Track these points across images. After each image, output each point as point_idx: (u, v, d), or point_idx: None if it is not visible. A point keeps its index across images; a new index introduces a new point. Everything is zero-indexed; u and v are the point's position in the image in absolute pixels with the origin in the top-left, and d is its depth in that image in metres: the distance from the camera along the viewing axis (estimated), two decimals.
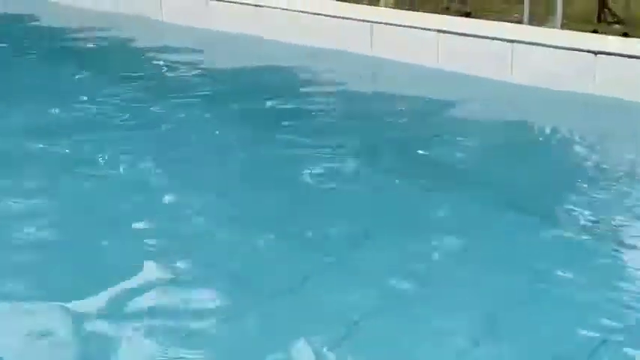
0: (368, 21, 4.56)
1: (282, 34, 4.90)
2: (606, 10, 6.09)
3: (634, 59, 3.63)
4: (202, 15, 5.42)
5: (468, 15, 6.67)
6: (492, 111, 3.93)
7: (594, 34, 4.19)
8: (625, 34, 5.95)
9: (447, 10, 6.85)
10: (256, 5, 5.03)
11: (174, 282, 2.62)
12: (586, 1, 6.34)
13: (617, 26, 6.12)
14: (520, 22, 5.71)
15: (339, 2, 5.28)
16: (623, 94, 3.66)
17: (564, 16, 5.82)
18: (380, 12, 4.63)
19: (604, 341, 2.29)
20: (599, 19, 6.14)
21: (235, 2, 5.12)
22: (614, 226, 2.91)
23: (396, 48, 4.45)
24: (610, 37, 3.98)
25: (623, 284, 2.59)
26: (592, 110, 3.76)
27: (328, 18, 4.82)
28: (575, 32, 4.17)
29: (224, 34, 5.25)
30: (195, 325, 2.39)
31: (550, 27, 5.53)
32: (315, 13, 4.90)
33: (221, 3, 5.17)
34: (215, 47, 5.28)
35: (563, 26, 5.83)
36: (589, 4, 6.19)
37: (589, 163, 3.35)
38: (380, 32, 4.54)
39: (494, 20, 6.13)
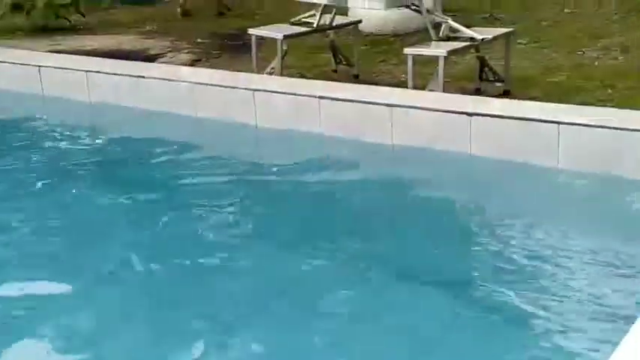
0: (251, 89, 4.57)
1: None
2: (487, 68, 6.30)
3: (506, 119, 3.72)
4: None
5: (356, 77, 6.80)
6: (371, 173, 4.01)
7: (468, 97, 4.32)
8: (506, 92, 6.16)
9: (335, 73, 6.97)
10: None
11: None
12: (467, 63, 6.56)
13: (498, 84, 6.33)
14: (405, 82, 5.84)
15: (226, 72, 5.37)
16: (497, 153, 3.75)
17: (447, 75, 5.99)
18: (263, 80, 4.70)
19: None
20: (481, 78, 6.35)
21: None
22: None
23: (279, 115, 4.47)
24: (485, 98, 4.09)
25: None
26: (467, 170, 3.85)
27: (213, 87, 4.81)
28: (450, 95, 4.29)
29: None
30: None
31: (433, 87, 5.69)
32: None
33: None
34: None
35: (447, 84, 5.99)
36: (471, 64, 6.40)
37: (463, 224, 3.43)
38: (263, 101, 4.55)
39: (379, 81, 6.27)
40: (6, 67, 5.68)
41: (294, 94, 4.35)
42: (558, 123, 3.59)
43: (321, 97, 4.27)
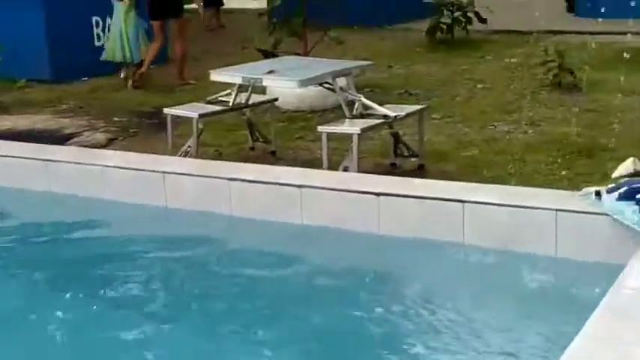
0: (161, 172, 4.53)
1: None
2: (401, 144, 6.40)
3: (413, 199, 3.76)
4: None
5: (273, 153, 6.83)
6: (278, 254, 4.02)
7: (377, 176, 4.36)
8: (420, 167, 6.25)
9: (252, 150, 6.99)
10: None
11: None
12: (383, 138, 6.66)
13: (412, 159, 6.43)
14: (320, 159, 5.88)
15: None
16: (404, 232, 3.77)
17: (363, 151, 6.05)
18: (174, 162, 4.69)
19: None
20: (396, 154, 6.44)
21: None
22: None
23: (189, 198, 4.43)
24: (393, 178, 4.15)
25: None
26: (374, 249, 3.88)
27: (123, 170, 4.76)
28: (358, 175, 4.34)
29: None
30: None
31: (348, 164, 5.73)
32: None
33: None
34: None
35: (362, 160, 6.05)
36: (386, 139, 6.49)
37: (364, 302, 3.45)
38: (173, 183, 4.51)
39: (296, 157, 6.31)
40: None
41: (204, 176, 4.33)
42: (463, 202, 3.64)
43: (231, 179, 4.25)
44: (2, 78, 9.74)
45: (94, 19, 10.80)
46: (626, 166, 5.75)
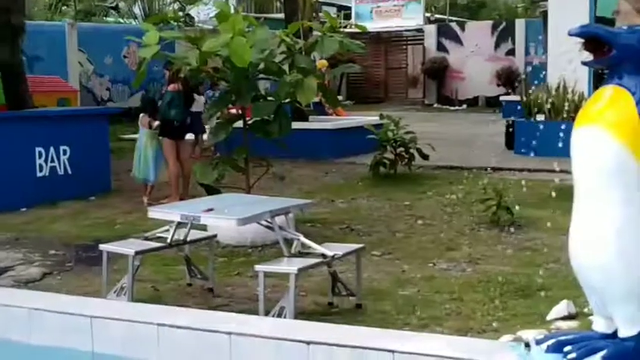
0: (88, 315, 4.42)
1: None
2: (339, 283, 6.38)
3: (344, 347, 3.70)
4: None
5: (211, 290, 6.73)
6: None
7: (306, 323, 4.31)
8: (358, 306, 6.21)
9: (189, 287, 6.88)
10: None
11: None
12: (322, 274, 6.63)
13: (351, 298, 6.40)
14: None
15: None
16: None
17: (301, 288, 6.01)
18: (102, 305, 4.60)
19: None
20: (334, 292, 6.41)
21: None
22: None
23: (116, 343, 4.31)
24: (323, 325, 4.09)
25: None
26: None
27: (50, 313, 4.63)
28: (289, 321, 4.28)
29: None
30: None
31: (284, 304, 5.66)
32: None
33: None
34: None
35: (301, 298, 6.00)
36: (325, 276, 6.46)
37: None
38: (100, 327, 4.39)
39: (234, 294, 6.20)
40: None
41: (132, 321, 4.23)
42: (393, 351, 3.59)
43: (159, 324, 4.15)
44: None
45: (38, 149, 10.78)
46: (560, 309, 5.80)
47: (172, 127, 10.70)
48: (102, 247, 6.63)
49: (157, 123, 10.72)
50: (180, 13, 9.06)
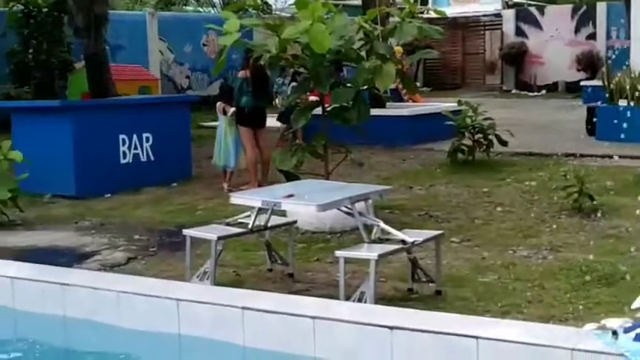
0: (174, 298, 4.53)
1: None
2: (419, 270, 6.38)
3: (426, 333, 3.73)
4: None
5: (291, 276, 6.81)
6: None
7: (392, 308, 4.33)
8: (438, 292, 6.21)
9: (270, 272, 6.98)
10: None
11: None
12: (401, 261, 6.64)
13: (430, 285, 6.40)
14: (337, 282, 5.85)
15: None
16: None
17: (381, 274, 6.03)
18: (188, 288, 4.71)
19: None
20: (413, 279, 6.42)
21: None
22: None
23: (202, 325, 4.42)
24: (407, 311, 4.12)
25: None
26: None
27: (138, 296, 4.77)
28: (373, 307, 4.30)
29: None
30: None
31: (365, 289, 5.70)
32: None
33: None
34: None
35: (380, 284, 6.02)
36: (405, 262, 6.47)
37: None
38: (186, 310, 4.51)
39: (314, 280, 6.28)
40: None
41: (217, 304, 4.33)
42: (477, 337, 3.60)
43: (244, 308, 4.24)
44: (28, 193, 9.89)
45: (122, 136, 11.03)
46: None
47: (244, 114, 10.77)
48: (185, 232, 6.75)
49: (231, 110, 10.85)
50: (259, 1, 9.13)
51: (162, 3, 28.49)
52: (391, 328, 3.79)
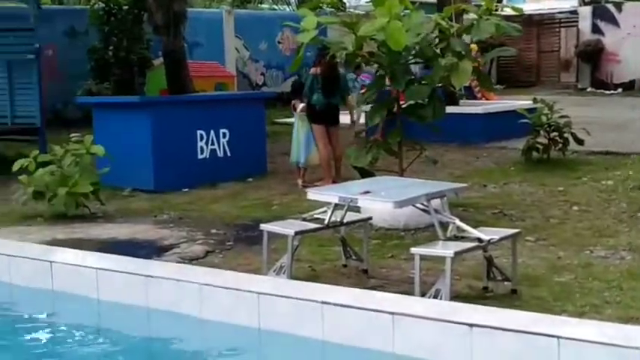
0: (255, 292, 4.63)
1: None
2: (494, 268, 6.36)
3: (507, 331, 3.74)
4: None
5: (365, 272, 6.86)
6: None
7: (471, 306, 4.35)
8: (513, 291, 6.19)
9: (344, 268, 7.05)
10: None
11: None
12: (476, 259, 6.63)
13: (506, 283, 6.38)
14: (412, 279, 5.88)
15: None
16: None
17: (455, 272, 6.04)
18: (268, 282, 4.80)
19: None
20: (489, 277, 6.41)
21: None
22: None
23: (281, 319, 4.51)
24: (487, 308, 4.13)
25: None
26: None
27: (219, 289, 4.88)
28: (452, 304, 4.32)
29: None
30: None
31: (440, 286, 5.71)
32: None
33: None
34: None
35: (455, 282, 6.02)
36: (479, 260, 6.46)
37: None
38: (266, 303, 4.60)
39: (388, 276, 6.31)
40: (20, 262, 5.80)
41: (297, 299, 4.41)
42: (558, 337, 3.60)
43: (324, 302, 4.31)
44: (109, 187, 10.15)
45: (199, 132, 11.24)
46: None
47: (315, 111, 10.85)
48: (263, 226, 6.86)
49: (301, 106, 10.95)
50: None
51: (239, 1, 28.82)
52: (471, 325, 3.82)
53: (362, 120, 14.51)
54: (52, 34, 17.91)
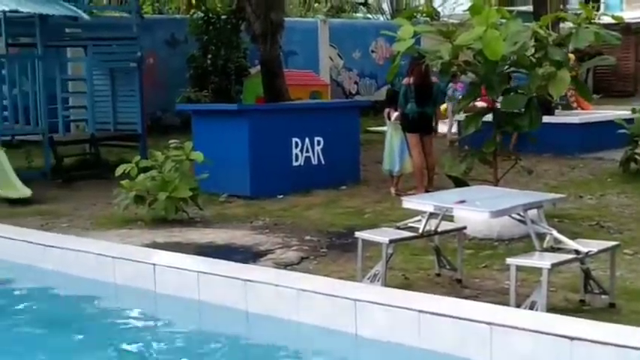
0: (352, 299, 4.70)
1: None
2: (591, 281, 6.28)
3: (608, 345, 3.71)
4: None
5: (459, 281, 6.85)
6: None
7: (570, 318, 4.32)
8: (611, 305, 6.10)
9: (438, 277, 7.04)
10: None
11: None
12: (572, 271, 6.55)
13: (603, 297, 6.28)
14: (507, 289, 5.86)
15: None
16: None
17: (551, 284, 5.98)
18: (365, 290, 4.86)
19: None
20: (586, 290, 6.32)
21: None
22: None
23: (377, 327, 4.57)
24: (586, 322, 4.09)
25: None
26: None
27: (316, 294, 4.97)
28: (551, 315, 4.29)
29: None
30: None
31: (536, 298, 5.67)
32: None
33: None
34: None
35: (551, 294, 5.95)
36: (575, 272, 6.38)
37: None
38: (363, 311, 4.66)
39: (482, 287, 6.29)
40: (124, 264, 6.02)
41: (394, 306, 4.46)
42: None
43: (420, 311, 4.35)
44: (206, 192, 10.39)
45: (294, 140, 11.40)
46: None
47: (409, 120, 10.89)
48: (358, 234, 6.92)
49: (395, 114, 11.00)
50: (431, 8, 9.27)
51: (334, 10, 29.03)
52: (572, 338, 3.80)
53: (454, 129, 14.51)
54: (153, 42, 18.42)
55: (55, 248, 6.54)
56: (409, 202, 6.81)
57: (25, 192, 11.28)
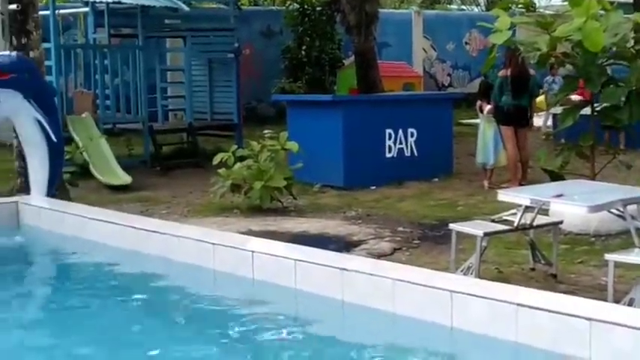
0: (449, 290, 4.73)
1: None
2: None
3: None
4: None
5: (554, 276, 6.80)
6: None
7: None
8: None
9: (532, 271, 6.99)
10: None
11: None
12: None
13: None
14: (605, 286, 5.79)
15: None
16: None
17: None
18: (461, 281, 4.86)
19: None
20: None
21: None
22: None
23: (474, 319, 4.59)
24: None
25: None
26: None
27: (412, 285, 5.01)
28: None
29: None
30: None
31: (636, 295, 5.59)
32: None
33: None
34: None
35: None
36: None
37: None
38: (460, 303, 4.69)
39: (578, 283, 6.23)
40: (222, 250, 6.18)
41: (491, 299, 4.47)
42: None
43: (519, 305, 4.35)
44: (300, 182, 10.53)
45: (387, 131, 11.44)
46: None
47: (503, 112, 10.78)
48: (452, 226, 6.93)
49: (488, 107, 10.92)
50: None
51: (428, 1, 28.90)
52: None
53: (549, 122, 14.28)
54: (250, 34, 18.70)
55: (157, 234, 6.75)
56: (505, 195, 6.77)
57: (126, 179, 11.65)
